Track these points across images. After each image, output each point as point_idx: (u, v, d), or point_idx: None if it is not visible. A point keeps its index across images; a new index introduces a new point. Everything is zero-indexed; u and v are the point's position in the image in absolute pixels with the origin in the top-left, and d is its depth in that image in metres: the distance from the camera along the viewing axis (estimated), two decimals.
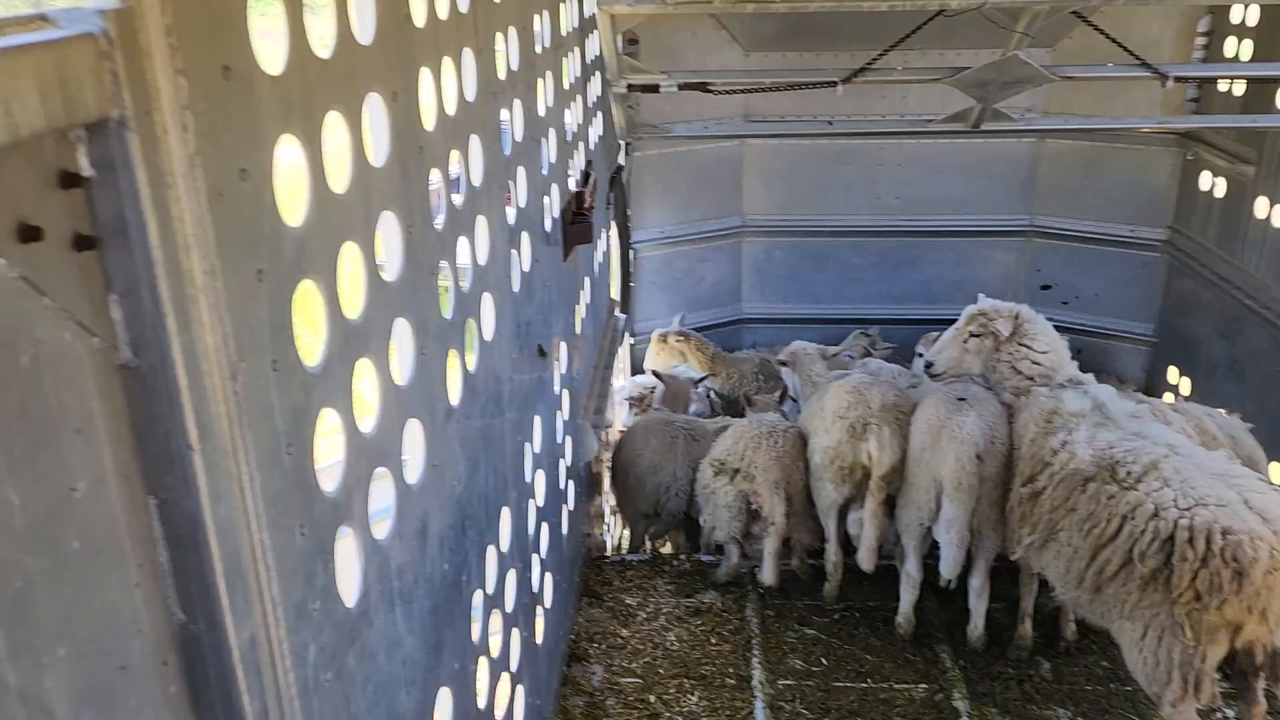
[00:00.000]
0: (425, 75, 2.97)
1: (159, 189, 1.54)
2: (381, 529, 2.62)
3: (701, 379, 8.93)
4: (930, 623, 6.19)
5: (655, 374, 8.75)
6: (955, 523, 5.53)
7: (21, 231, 1.34)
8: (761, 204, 10.62)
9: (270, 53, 1.96)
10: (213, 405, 1.70)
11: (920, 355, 7.36)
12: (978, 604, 5.88)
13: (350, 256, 2.41)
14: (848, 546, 6.33)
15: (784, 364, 6.91)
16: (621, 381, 9.48)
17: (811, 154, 10.37)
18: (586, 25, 6.52)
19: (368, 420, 2.53)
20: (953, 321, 6.02)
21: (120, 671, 1.60)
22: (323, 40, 2.21)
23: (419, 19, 2.91)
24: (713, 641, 6.06)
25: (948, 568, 5.64)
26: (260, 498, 1.87)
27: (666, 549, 7.78)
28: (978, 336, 5.77)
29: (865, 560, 6.00)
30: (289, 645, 2.00)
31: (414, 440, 2.90)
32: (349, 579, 2.39)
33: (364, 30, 2.46)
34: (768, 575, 6.35)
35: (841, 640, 6.07)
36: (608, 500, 7.97)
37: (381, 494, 2.60)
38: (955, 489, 5.49)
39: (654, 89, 7.16)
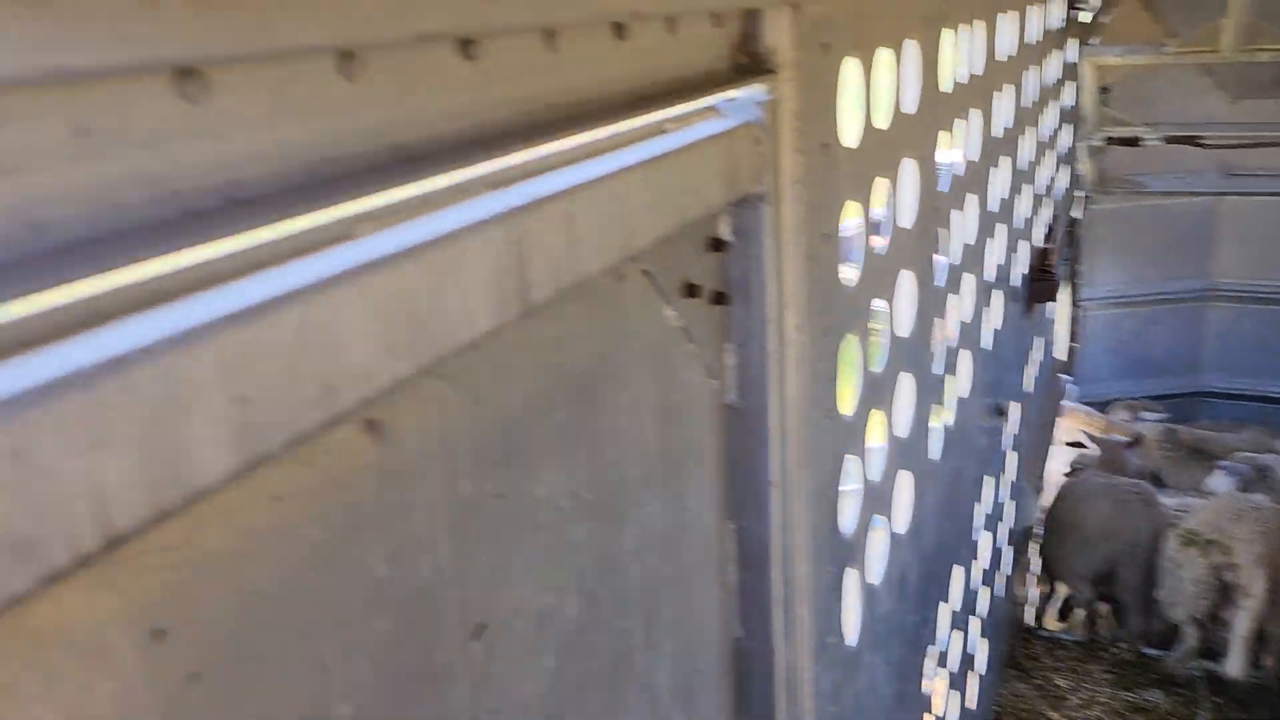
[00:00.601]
0: (943, 138, 3.06)
1: (777, 254, 1.75)
2: (873, 574, 2.72)
3: (1130, 443, 8.16)
4: None
5: (1091, 437, 8.17)
6: None
7: (686, 288, 1.59)
8: (1235, 266, 9.51)
9: (847, 126, 2.14)
10: (790, 447, 1.88)
11: None
12: None
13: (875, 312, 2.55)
14: None
15: None
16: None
17: None
18: (1066, 75, 6.29)
19: (874, 468, 2.65)
20: None
21: (696, 673, 1.81)
22: (883, 111, 2.37)
23: (945, 85, 3.00)
24: None
25: None
26: (808, 534, 2.03)
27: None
28: None
29: None
30: (811, 674, 2.14)
31: (903, 491, 2.97)
32: (849, 619, 2.51)
33: (910, 100, 2.60)
34: (1235, 665, 5.63)
35: None
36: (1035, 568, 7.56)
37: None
38: None
39: (1133, 142, 6.73)
